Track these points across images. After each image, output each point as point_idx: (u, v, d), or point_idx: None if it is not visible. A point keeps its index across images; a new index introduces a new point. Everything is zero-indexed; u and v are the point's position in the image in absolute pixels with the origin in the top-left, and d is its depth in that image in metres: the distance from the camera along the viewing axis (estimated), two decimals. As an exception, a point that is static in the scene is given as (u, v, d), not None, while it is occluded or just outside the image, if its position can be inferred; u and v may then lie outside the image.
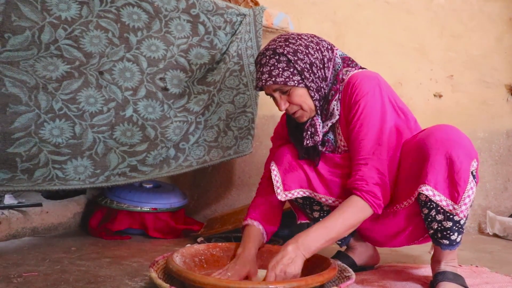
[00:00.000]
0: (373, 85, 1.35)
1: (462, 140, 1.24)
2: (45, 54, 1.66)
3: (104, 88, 1.81)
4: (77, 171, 1.76)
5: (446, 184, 1.23)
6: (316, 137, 1.44)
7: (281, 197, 1.49)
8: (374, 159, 1.31)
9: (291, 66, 1.35)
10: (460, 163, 1.21)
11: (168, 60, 1.98)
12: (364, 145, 1.32)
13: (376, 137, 1.32)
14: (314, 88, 1.39)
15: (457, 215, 1.24)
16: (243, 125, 2.22)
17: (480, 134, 2.48)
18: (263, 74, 1.37)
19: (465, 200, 1.22)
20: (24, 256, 1.66)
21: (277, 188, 1.50)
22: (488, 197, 2.44)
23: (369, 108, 1.33)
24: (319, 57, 1.40)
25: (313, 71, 1.38)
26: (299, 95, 1.39)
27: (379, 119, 1.33)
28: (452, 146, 1.22)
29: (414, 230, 1.43)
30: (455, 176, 1.22)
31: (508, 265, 1.79)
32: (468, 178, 1.22)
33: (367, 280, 1.49)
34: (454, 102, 2.52)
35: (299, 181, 1.50)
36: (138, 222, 2.12)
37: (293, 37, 1.39)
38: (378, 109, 1.34)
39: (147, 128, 1.92)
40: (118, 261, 1.66)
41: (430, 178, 1.23)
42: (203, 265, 1.50)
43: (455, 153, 1.22)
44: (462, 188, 1.22)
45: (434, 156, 1.23)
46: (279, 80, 1.35)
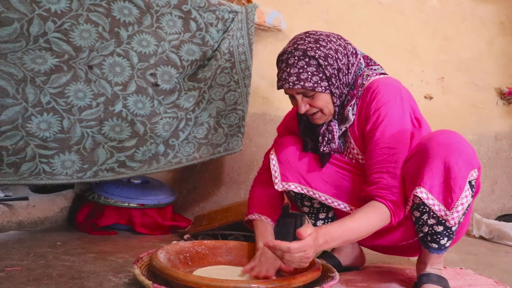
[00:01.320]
0: (394, 94, 1.35)
1: (464, 148, 1.23)
2: (34, 46, 1.65)
3: (94, 83, 1.80)
4: (64, 165, 1.75)
5: (441, 189, 1.23)
6: (333, 144, 1.44)
7: (278, 187, 1.48)
8: (396, 168, 1.30)
9: (320, 71, 1.33)
10: (458, 170, 1.20)
11: (159, 55, 1.97)
12: (385, 154, 1.31)
13: (397, 146, 1.31)
14: (338, 94, 1.39)
15: (447, 222, 1.24)
16: (233, 123, 2.22)
17: (469, 137, 2.50)
18: (290, 76, 1.33)
19: (458, 208, 1.22)
20: (8, 250, 1.65)
21: (275, 178, 1.49)
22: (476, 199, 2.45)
23: (390, 117, 1.33)
24: (345, 63, 1.38)
25: (339, 77, 1.37)
26: (322, 100, 1.37)
27: (400, 129, 1.32)
28: (452, 152, 1.21)
29: (406, 230, 1.43)
30: (451, 182, 1.21)
31: (492, 267, 1.80)
32: (464, 186, 1.21)
33: (351, 281, 1.50)
34: (444, 104, 2.53)
35: (297, 175, 1.49)
36: (125, 217, 2.12)
37: (323, 39, 1.35)
38: (399, 120, 1.33)
39: (137, 123, 1.91)
40: (103, 257, 1.65)
41: (426, 181, 1.23)
42: (187, 262, 1.50)
43: (454, 159, 1.21)
44: (456, 195, 1.21)
45: (433, 160, 1.22)
46: (308, 85, 1.33)
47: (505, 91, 2.52)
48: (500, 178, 2.51)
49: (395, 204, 1.28)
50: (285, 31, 2.54)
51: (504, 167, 2.54)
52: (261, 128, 2.54)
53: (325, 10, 2.60)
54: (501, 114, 2.57)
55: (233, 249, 1.58)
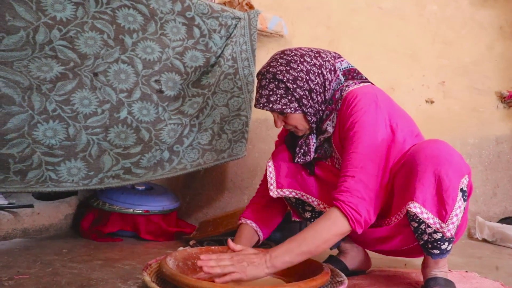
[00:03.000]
0: (368, 103, 1.34)
1: (452, 157, 1.23)
2: (40, 54, 1.65)
3: (99, 90, 1.80)
4: (70, 173, 1.75)
5: (434, 202, 1.23)
6: (308, 157, 1.48)
7: (273, 194, 1.51)
8: (362, 172, 1.26)
9: (289, 94, 1.37)
10: (449, 181, 1.21)
11: (163, 62, 1.98)
12: (352, 159, 1.29)
13: (365, 152, 1.29)
14: (312, 112, 1.41)
15: (444, 234, 1.24)
16: (237, 128, 2.23)
17: (470, 140, 2.52)
18: (262, 97, 1.40)
19: (453, 219, 1.22)
20: (15, 258, 1.64)
21: (270, 184, 1.52)
22: (478, 202, 2.47)
23: (361, 123, 1.32)
24: (320, 82, 1.40)
25: (312, 97, 1.39)
26: (295, 119, 1.42)
27: (370, 135, 1.31)
28: (441, 163, 1.21)
29: (405, 237, 1.44)
30: (443, 194, 1.21)
31: (497, 270, 1.81)
32: (456, 197, 1.22)
33: (358, 285, 1.50)
34: (445, 108, 2.54)
35: (292, 182, 1.52)
36: (130, 224, 2.12)
37: (295, 60, 1.37)
38: (370, 126, 1.32)
39: (142, 130, 1.92)
40: (110, 264, 1.65)
41: (418, 195, 1.22)
42: (196, 268, 1.49)
43: (444, 170, 1.21)
44: (450, 207, 1.22)
45: (422, 173, 1.22)
46: (276, 108, 1.38)
47: (505, 94, 2.54)
48: (502, 181, 2.53)
49: (350, 205, 1.23)
50: (287, 37, 2.56)
51: (506, 170, 2.55)
52: (264, 134, 2.55)
53: (327, 16, 2.62)
54: (501, 118, 2.58)
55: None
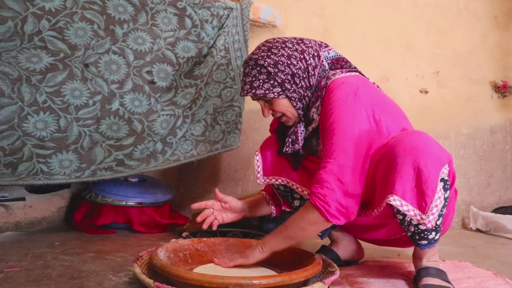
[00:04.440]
0: (348, 92, 1.32)
1: (430, 147, 1.22)
2: (29, 45, 1.64)
3: (90, 81, 1.79)
4: (62, 165, 1.74)
5: (414, 193, 1.21)
6: (296, 145, 1.48)
7: (260, 181, 1.56)
8: (334, 164, 1.25)
9: (271, 78, 1.38)
10: (428, 172, 1.19)
11: (155, 53, 1.96)
12: (327, 150, 1.29)
13: (340, 143, 1.27)
14: (297, 98, 1.41)
15: (424, 225, 1.23)
16: (230, 119, 2.22)
17: (464, 130, 2.51)
18: (245, 84, 1.42)
19: (433, 210, 1.21)
20: (6, 251, 1.63)
21: (257, 173, 1.57)
22: (472, 192, 2.47)
23: (338, 114, 1.30)
24: (302, 67, 1.40)
25: (295, 81, 1.39)
26: (281, 105, 1.42)
27: (346, 126, 1.29)
28: (419, 154, 1.20)
29: (392, 228, 1.44)
30: (423, 186, 1.20)
31: (490, 259, 1.81)
32: (436, 187, 1.21)
33: (351, 275, 1.50)
34: (439, 98, 2.53)
35: (279, 169, 1.55)
36: (123, 216, 2.11)
37: (276, 46, 1.39)
38: (347, 116, 1.30)
39: (134, 121, 1.91)
40: (102, 256, 1.64)
41: (398, 188, 1.21)
42: (187, 260, 1.49)
43: (422, 162, 1.19)
44: (429, 198, 1.20)
45: (401, 166, 1.21)
46: (259, 93, 1.39)
47: (499, 84, 2.53)
48: (496, 171, 2.53)
49: (319, 196, 1.24)
50: (280, 27, 2.54)
51: (500, 160, 2.55)
52: (257, 125, 2.54)
53: (320, 6, 2.60)
54: (496, 107, 2.58)
55: (233, 246, 1.58)
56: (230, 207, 1.57)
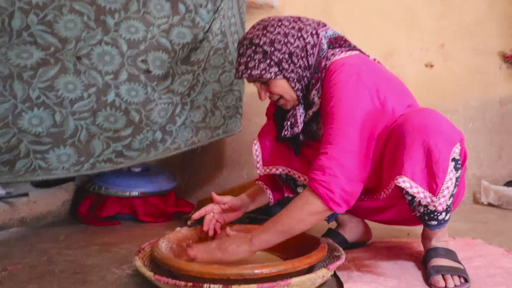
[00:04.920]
0: (349, 74, 1.25)
1: (441, 126, 1.16)
2: (18, 41, 1.61)
3: (83, 74, 1.76)
4: (60, 160, 1.72)
5: (424, 175, 1.16)
6: (295, 129, 1.40)
7: (260, 171, 1.50)
8: (335, 149, 1.19)
9: (267, 58, 1.29)
10: (438, 153, 1.13)
11: (149, 41, 1.92)
12: (328, 135, 1.23)
13: (340, 126, 1.21)
14: (295, 78, 1.33)
15: (435, 208, 1.17)
16: (230, 104, 2.18)
17: (473, 103, 2.43)
18: (240, 65, 1.33)
19: (444, 192, 1.15)
20: (11, 248, 1.64)
21: (256, 162, 1.50)
22: (483, 166, 2.41)
23: (339, 97, 1.24)
24: (300, 45, 1.32)
25: (293, 61, 1.32)
26: (278, 86, 1.34)
27: (348, 109, 1.23)
28: (430, 134, 1.14)
29: (400, 208, 1.40)
30: (433, 166, 1.14)
31: (502, 235, 1.77)
32: (447, 168, 1.15)
33: (358, 258, 1.47)
34: (446, 71, 2.45)
35: (279, 159, 1.49)
36: (128, 207, 2.10)
37: (272, 24, 1.32)
38: (349, 99, 1.23)
39: (131, 112, 1.88)
40: (106, 249, 1.64)
41: (407, 169, 1.15)
42: (191, 250, 1.48)
43: (433, 141, 1.13)
44: (440, 180, 1.14)
45: (410, 145, 1.15)
46: (255, 73, 1.31)
47: (508, 54, 2.44)
48: (507, 143, 2.45)
49: (322, 183, 1.17)
50: (278, 8, 2.47)
51: (511, 132, 2.47)
52: (260, 108, 2.46)
53: (319, -17, 2.53)
54: (505, 78, 2.49)
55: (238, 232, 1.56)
56: (230, 207, 1.51)
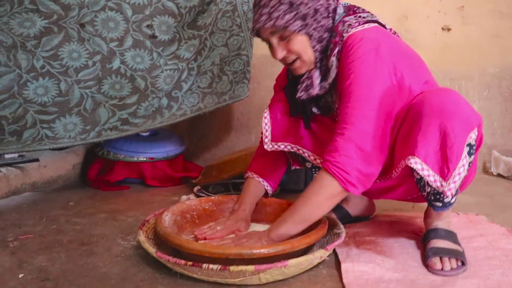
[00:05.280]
0: (368, 49, 1.20)
1: (460, 108, 1.13)
2: (19, 9, 1.57)
3: (87, 41, 1.73)
4: (66, 128, 1.73)
5: (437, 158, 1.13)
6: (311, 90, 1.32)
7: (267, 147, 1.46)
8: (352, 130, 1.16)
9: (293, 10, 1.22)
10: (454, 137, 1.11)
11: (154, 5, 1.87)
12: (344, 114, 1.19)
13: (358, 105, 1.18)
14: (317, 37, 1.27)
15: (444, 193, 1.15)
16: (238, 69, 2.14)
17: (490, 70, 2.34)
18: (262, 16, 1.24)
19: (455, 178, 1.13)
20: (23, 215, 1.69)
21: (265, 137, 1.46)
22: (495, 135, 2.36)
23: (357, 74, 1.19)
24: (324, 5, 1.26)
25: (317, 18, 1.25)
26: (299, 42, 1.26)
27: (366, 88, 1.18)
28: (448, 116, 1.11)
29: (408, 188, 1.39)
30: (447, 151, 1.12)
31: (507, 210, 1.76)
32: (461, 154, 1.13)
33: (359, 234, 1.49)
34: (463, 35, 2.34)
35: (288, 135, 1.46)
36: (136, 171, 2.13)
37: None
38: (367, 77, 1.19)
39: (137, 79, 1.86)
40: (113, 216, 1.68)
41: (420, 150, 1.13)
42: (195, 221, 1.50)
43: (450, 125, 1.11)
44: (453, 165, 1.12)
45: (427, 126, 1.13)
46: (279, 24, 1.22)
47: (532, 17, 2.32)
48: (523, 112, 2.39)
49: (337, 165, 1.14)
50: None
51: (528, 101, 2.39)
52: (270, 71, 2.45)
53: None
54: (526, 43, 2.37)
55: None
56: None
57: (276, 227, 1.23)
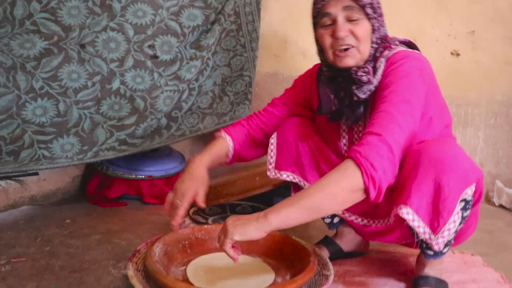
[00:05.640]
0: (414, 67, 1.20)
1: (458, 163, 1.11)
2: (20, 30, 1.57)
3: (87, 62, 1.73)
4: (63, 149, 1.74)
5: (428, 210, 1.13)
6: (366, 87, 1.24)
7: (271, 174, 1.46)
8: (388, 133, 1.10)
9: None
10: (448, 192, 1.10)
11: (157, 25, 1.85)
12: (381, 117, 1.14)
13: (397, 116, 1.13)
14: (379, 33, 1.26)
15: (431, 246, 1.15)
16: (239, 90, 2.12)
17: (498, 97, 2.28)
18: None
19: (444, 233, 1.13)
20: (19, 233, 1.70)
21: (269, 163, 1.46)
22: (500, 164, 2.31)
23: (400, 84, 1.18)
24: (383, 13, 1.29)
25: (381, 20, 1.27)
26: (365, 29, 1.23)
27: (407, 99, 1.16)
28: (444, 170, 1.10)
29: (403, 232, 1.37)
30: (440, 205, 1.11)
31: (505, 251, 1.73)
32: (453, 209, 1.12)
33: (349, 273, 1.48)
34: (473, 61, 2.29)
35: (292, 163, 1.45)
36: (134, 188, 2.13)
37: None
38: (409, 91, 1.17)
39: (136, 99, 1.86)
40: (107, 239, 1.69)
41: (413, 200, 1.12)
42: (186, 250, 1.50)
43: (445, 178, 1.10)
44: (444, 220, 1.12)
45: (422, 177, 1.12)
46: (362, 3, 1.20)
47: (544, 45, 2.26)
48: (529, 142, 2.33)
49: (370, 160, 1.07)
50: (298, -18, 2.32)
51: (535, 130, 2.34)
52: (273, 89, 2.42)
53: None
54: (538, 72, 2.31)
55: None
56: None
57: (277, 209, 1.11)
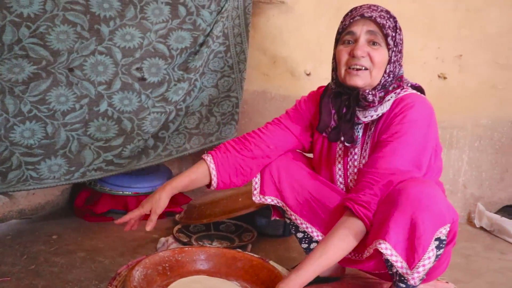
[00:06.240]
0: (424, 115, 1.28)
1: (434, 203, 1.17)
2: (9, 55, 1.61)
3: (76, 85, 1.76)
4: (51, 170, 1.78)
5: (405, 246, 1.18)
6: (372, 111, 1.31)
7: (255, 199, 1.52)
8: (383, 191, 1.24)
9: (395, 30, 1.30)
10: (423, 230, 1.15)
11: (145, 48, 1.89)
12: (388, 152, 1.26)
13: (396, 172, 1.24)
14: (394, 66, 1.32)
15: (408, 281, 1.21)
16: (226, 110, 2.16)
17: (483, 121, 2.31)
18: (374, 11, 1.29)
19: (419, 269, 1.18)
20: (5, 249, 1.76)
21: (254, 189, 1.53)
22: (483, 186, 2.34)
23: (410, 136, 1.26)
24: None
25: (400, 56, 1.34)
26: (382, 56, 1.30)
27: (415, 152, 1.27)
28: (420, 209, 1.15)
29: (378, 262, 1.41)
30: (415, 242, 1.16)
31: (479, 277, 1.77)
32: (427, 247, 1.17)
33: (323, 300, 1.52)
34: (459, 84, 2.31)
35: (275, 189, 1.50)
36: (121, 204, 2.17)
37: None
38: (418, 143, 1.27)
39: (123, 121, 1.90)
40: (92, 257, 1.74)
41: (392, 236, 1.18)
42: (166, 273, 1.53)
43: (421, 217, 1.15)
44: (418, 256, 1.17)
45: (399, 214, 1.17)
46: (386, 26, 1.27)
47: (530, 71, 2.27)
48: (512, 165, 2.36)
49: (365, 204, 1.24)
50: (289, 3, 2.34)
51: (518, 154, 2.36)
52: (261, 107, 2.46)
53: (334, -22, 2.36)
54: (523, 97, 2.33)
55: (214, 256, 1.60)
56: None
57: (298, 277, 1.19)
